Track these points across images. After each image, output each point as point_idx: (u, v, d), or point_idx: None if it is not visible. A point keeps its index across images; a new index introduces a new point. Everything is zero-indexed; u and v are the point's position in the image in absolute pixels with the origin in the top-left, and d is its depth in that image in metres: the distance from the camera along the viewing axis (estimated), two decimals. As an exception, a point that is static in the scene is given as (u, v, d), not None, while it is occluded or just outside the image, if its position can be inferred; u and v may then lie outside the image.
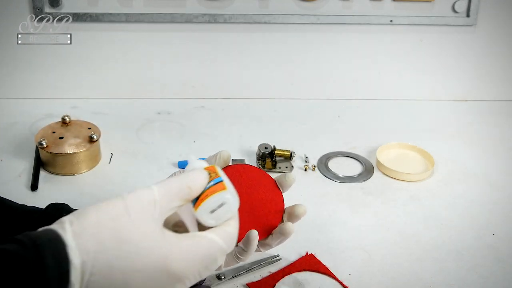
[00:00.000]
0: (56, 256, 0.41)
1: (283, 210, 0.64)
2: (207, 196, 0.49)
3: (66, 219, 0.45)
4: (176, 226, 0.56)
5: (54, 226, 0.44)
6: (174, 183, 0.49)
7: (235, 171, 0.64)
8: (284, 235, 0.62)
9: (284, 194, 0.65)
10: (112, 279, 0.43)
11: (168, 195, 0.48)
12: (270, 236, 0.63)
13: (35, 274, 0.40)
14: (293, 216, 0.64)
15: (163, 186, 0.48)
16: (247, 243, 0.59)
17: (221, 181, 0.50)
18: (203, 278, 0.50)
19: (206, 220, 0.49)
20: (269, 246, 0.63)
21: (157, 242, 0.45)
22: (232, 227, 0.50)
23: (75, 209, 0.67)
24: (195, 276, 0.47)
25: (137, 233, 0.45)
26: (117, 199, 0.47)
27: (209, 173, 0.51)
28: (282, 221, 0.64)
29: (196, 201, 0.50)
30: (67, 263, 0.42)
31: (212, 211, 0.49)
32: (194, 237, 0.48)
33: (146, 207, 0.46)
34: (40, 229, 0.44)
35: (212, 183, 0.50)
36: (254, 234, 0.59)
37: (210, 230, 0.49)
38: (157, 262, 0.45)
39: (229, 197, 0.50)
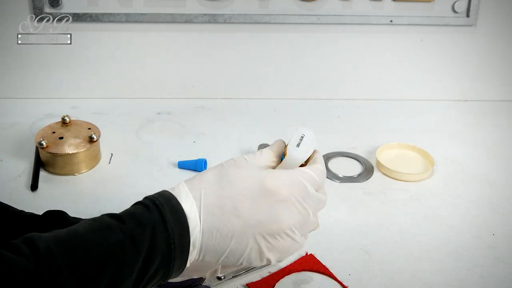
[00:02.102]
0: (171, 201, 0.51)
1: None
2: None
3: None
4: None
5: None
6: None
7: None
8: None
9: None
10: (222, 205, 0.51)
11: (254, 155, 0.58)
12: None
13: (158, 215, 0.49)
14: None
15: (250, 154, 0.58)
16: None
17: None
18: (304, 208, 0.54)
19: (295, 154, 0.57)
20: None
21: (254, 171, 0.54)
22: (321, 165, 0.58)
23: (72, 217, 0.68)
24: (292, 200, 0.53)
25: (235, 169, 0.54)
26: None
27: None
28: None
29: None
30: (179, 203, 0.51)
31: (298, 145, 0.57)
32: (287, 170, 0.56)
33: (239, 160, 0.56)
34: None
35: None
36: None
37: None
38: (255, 183, 0.53)
39: (305, 129, 0.58)
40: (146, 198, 0.52)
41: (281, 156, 0.59)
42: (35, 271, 0.42)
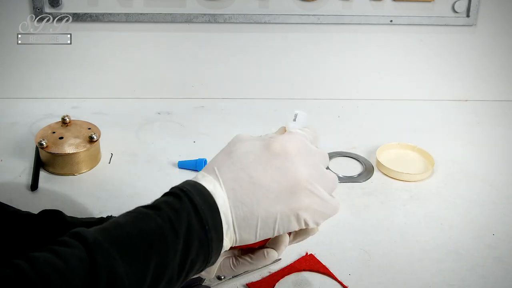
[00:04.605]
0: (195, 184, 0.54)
1: None
2: None
3: None
4: None
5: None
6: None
7: None
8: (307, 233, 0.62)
9: None
10: (238, 178, 0.53)
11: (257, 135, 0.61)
12: (293, 233, 0.62)
13: (188, 201, 0.51)
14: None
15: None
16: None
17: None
18: (313, 160, 0.57)
19: (294, 126, 0.62)
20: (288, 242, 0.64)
21: (257, 141, 0.57)
22: (312, 130, 0.62)
23: (69, 216, 0.68)
24: (301, 154, 0.56)
25: (240, 143, 0.57)
26: None
27: None
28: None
29: None
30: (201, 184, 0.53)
31: (294, 120, 0.63)
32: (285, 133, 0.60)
33: (242, 135, 0.59)
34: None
35: None
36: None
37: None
38: (262, 150, 0.55)
39: (297, 111, 0.66)
40: (173, 188, 0.54)
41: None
42: (89, 258, 0.44)
